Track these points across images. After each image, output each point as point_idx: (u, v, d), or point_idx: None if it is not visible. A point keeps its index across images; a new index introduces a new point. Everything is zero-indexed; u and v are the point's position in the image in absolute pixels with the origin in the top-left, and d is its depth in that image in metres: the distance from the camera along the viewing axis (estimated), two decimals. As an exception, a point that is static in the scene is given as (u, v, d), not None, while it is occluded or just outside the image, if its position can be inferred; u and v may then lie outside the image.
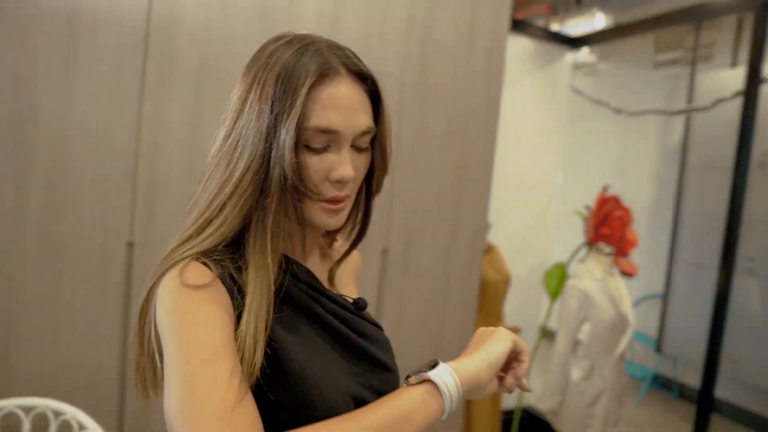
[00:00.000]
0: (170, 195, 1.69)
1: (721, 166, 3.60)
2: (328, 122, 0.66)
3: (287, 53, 0.67)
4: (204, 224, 0.68)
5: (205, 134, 1.71)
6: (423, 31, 2.05)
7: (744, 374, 3.42)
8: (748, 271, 3.36)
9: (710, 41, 3.92)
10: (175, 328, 0.60)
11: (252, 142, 0.66)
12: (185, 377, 0.56)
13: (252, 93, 0.68)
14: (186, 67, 1.67)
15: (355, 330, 0.75)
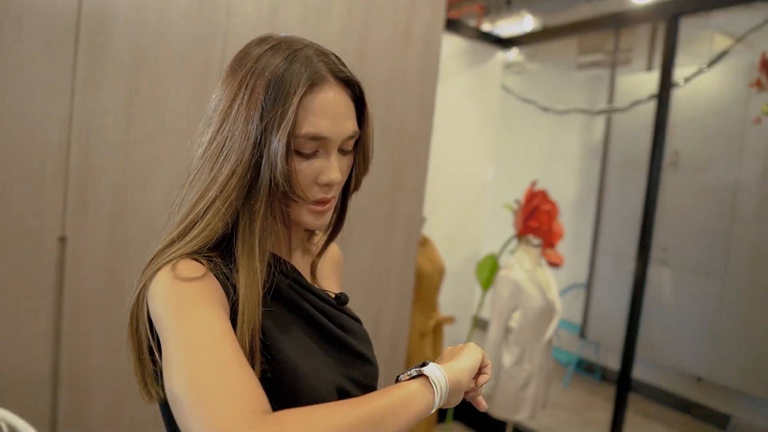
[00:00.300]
0: (104, 188, 1.65)
1: (638, 163, 3.86)
2: (318, 129, 0.68)
3: (276, 59, 0.68)
4: (189, 226, 0.69)
5: (140, 125, 1.68)
6: (361, 29, 2.09)
7: (657, 356, 3.70)
8: (661, 260, 3.63)
9: (628, 46, 4.18)
10: (174, 314, 0.61)
11: (239, 147, 0.67)
12: (191, 359, 0.56)
13: (239, 98, 0.68)
14: (120, 57, 1.63)
15: (337, 324, 0.79)
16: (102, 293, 1.67)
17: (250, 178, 0.68)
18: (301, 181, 0.70)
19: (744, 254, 3.35)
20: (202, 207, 0.68)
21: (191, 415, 0.52)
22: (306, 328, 0.75)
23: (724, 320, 3.42)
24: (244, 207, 0.69)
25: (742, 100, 3.41)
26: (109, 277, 1.68)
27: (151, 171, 1.72)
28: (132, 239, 1.71)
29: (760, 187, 3.33)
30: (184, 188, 0.73)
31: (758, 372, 3.25)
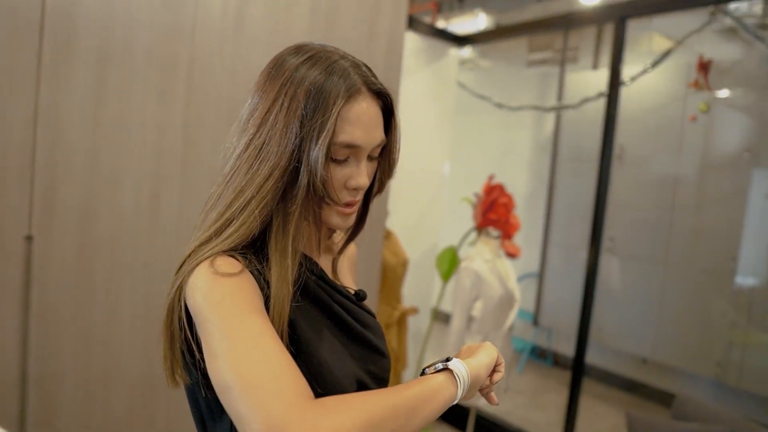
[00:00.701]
0: (72, 186, 1.62)
1: (586, 157, 4.04)
2: (353, 138, 0.73)
3: (315, 71, 0.73)
4: (225, 224, 0.72)
5: (108, 123, 1.66)
6: (326, 26, 2.12)
7: (606, 340, 3.90)
8: (609, 250, 3.82)
9: (575, 45, 4.36)
10: (217, 308, 0.64)
11: (276, 152, 0.71)
12: (238, 350, 0.60)
13: (277, 105, 0.72)
14: (86, 53, 1.61)
15: (356, 319, 0.83)
16: (71, 293, 1.65)
17: (285, 182, 0.72)
18: (334, 186, 0.75)
19: (684, 242, 3.58)
20: (238, 206, 0.72)
21: (242, 402, 0.56)
22: (330, 323, 0.79)
23: (667, 304, 3.64)
24: (279, 209, 0.73)
25: (680, 99, 3.63)
26: (77, 277, 1.66)
27: (119, 168, 1.70)
28: (101, 238, 1.69)
29: (697, 180, 3.56)
30: (219, 188, 0.76)
31: (698, 352, 3.48)
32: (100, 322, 1.71)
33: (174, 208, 1.82)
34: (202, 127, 1.85)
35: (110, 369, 1.75)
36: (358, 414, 0.56)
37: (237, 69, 1.91)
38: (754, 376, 3.23)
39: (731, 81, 3.44)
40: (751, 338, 3.28)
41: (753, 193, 3.32)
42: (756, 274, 3.30)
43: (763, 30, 3.24)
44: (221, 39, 1.86)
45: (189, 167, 1.84)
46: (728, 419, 2.02)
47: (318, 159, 0.70)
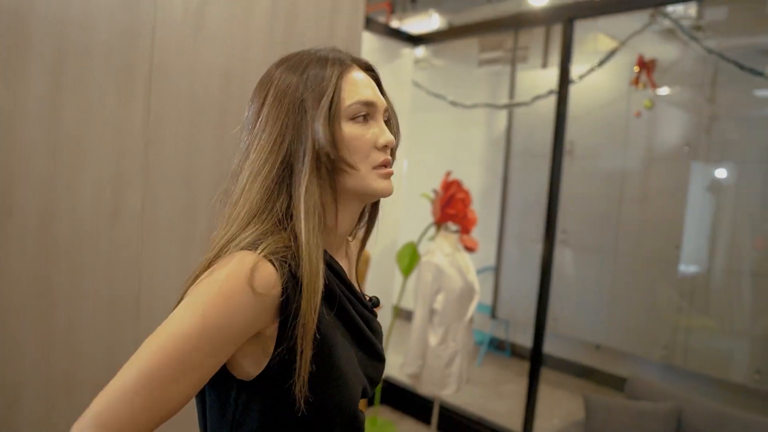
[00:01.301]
0: (29, 187, 1.59)
1: (538, 152, 4.18)
2: (364, 95, 0.75)
3: (305, 61, 0.76)
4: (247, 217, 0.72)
5: (66, 124, 1.63)
6: (285, 25, 2.13)
7: (561, 329, 4.05)
8: (562, 242, 3.97)
9: (525, 45, 4.50)
10: (182, 322, 0.64)
11: (270, 131, 0.73)
12: (132, 370, 0.63)
13: (272, 93, 0.75)
14: (41, 53, 1.57)
15: (369, 327, 0.83)
16: (30, 298, 1.61)
17: (280, 154, 0.72)
18: (360, 149, 0.75)
19: (632, 233, 3.76)
20: (239, 193, 0.74)
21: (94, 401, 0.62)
22: (345, 330, 0.78)
23: (618, 292, 3.81)
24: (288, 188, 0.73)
25: (624, 96, 3.80)
26: (37, 281, 1.62)
27: (78, 169, 1.67)
28: (61, 240, 1.65)
29: (642, 173, 3.74)
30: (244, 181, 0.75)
31: (647, 336, 3.66)
32: (61, 326, 1.68)
33: (136, 208, 1.80)
34: (163, 126, 1.84)
35: (73, 375, 1.72)
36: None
37: (197, 68, 1.90)
38: (697, 357, 3.43)
39: (670, 79, 3.64)
40: (694, 322, 3.48)
41: (693, 185, 3.52)
42: (698, 262, 3.50)
43: (698, 31, 3.43)
44: (181, 38, 1.85)
45: (151, 167, 1.82)
46: (676, 396, 2.15)
47: (325, 125, 0.71)
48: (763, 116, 3.28)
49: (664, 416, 2.05)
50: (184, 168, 1.90)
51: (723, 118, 3.40)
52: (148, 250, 1.84)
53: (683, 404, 2.09)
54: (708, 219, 3.49)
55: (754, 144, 3.26)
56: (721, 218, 3.44)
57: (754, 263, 3.23)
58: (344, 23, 2.35)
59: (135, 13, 1.74)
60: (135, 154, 1.79)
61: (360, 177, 0.75)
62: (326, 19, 2.27)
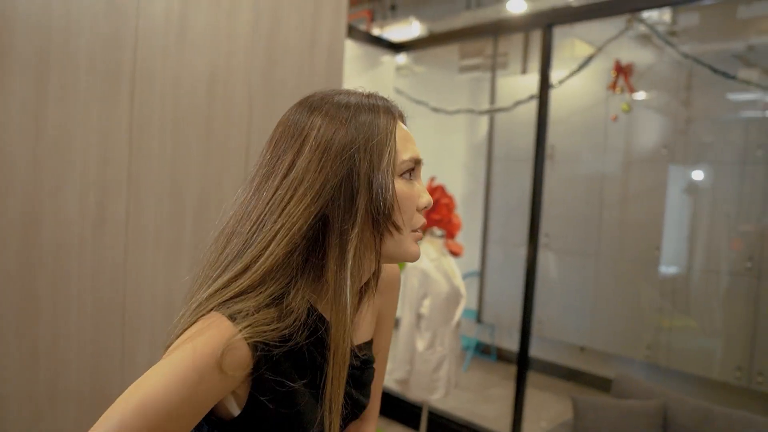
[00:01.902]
0: (12, 195, 1.56)
1: (519, 157, 4.22)
2: (415, 153, 0.71)
3: (351, 103, 0.70)
4: (245, 267, 0.66)
5: (50, 129, 1.61)
6: (268, 33, 2.14)
7: (546, 331, 4.08)
8: (545, 245, 4.01)
9: (505, 51, 4.56)
10: (148, 391, 0.58)
11: (314, 180, 0.66)
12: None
13: (313, 138, 0.67)
14: (23, 60, 1.56)
15: (356, 384, 0.79)
16: (14, 307, 1.59)
17: (322, 208, 0.66)
18: (406, 209, 0.70)
19: (613, 235, 3.81)
20: (266, 236, 0.66)
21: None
22: (321, 390, 0.71)
23: (600, 294, 3.86)
24: (328, 240, 0.67)
25: (602, 101, 3.87)
26: (21, 290, 1.60)
27: (62, 176, 1.65)
28: (45, 248, 1.63)
29: (621, 176, 3.80)
30: (237, 238, 0.68)
31: (630, 337, 3.71)
32: (46, 336, 1.65)
33: (121, 216, 1.78)
34: (147, 133, 1.82)
35: (58, 385, 1.69)
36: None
37: (181, 75, 1.89)
38: (680, 356, 3.48)
39: (647, 84, 3.71)
40: (675, 322, 3.53)
41: (671, 187, 3.59)
42: (678, 262, 3.56)
43: (672, 36, 3.52)
44: (164, 46, 1.85)
45: (135, 174, 1.81)
46: (661, 394, 2.18)
47: (384, 180, 0.67)
48: (736, 119, 3.36)
49: (651, 413, 2.07)
50: (170, 175, 1.89)
51: (699, 120, 3.48)
52: (133, 258, 1.82)
53: (669, 401, 2.12)
54: (686, 220, 3.55)
55: (729, 146, 3.34)
56: (699, 219, 3.51)
57: (731, 263, 3.29)
58: (327, 30, 2.36)
59: (117, 19, 1.73)
60: (120, 161, 1.77)
61: (401, 239, 0.70)
62: (309, 26, 2.28)
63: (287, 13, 2.19)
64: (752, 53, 3.29)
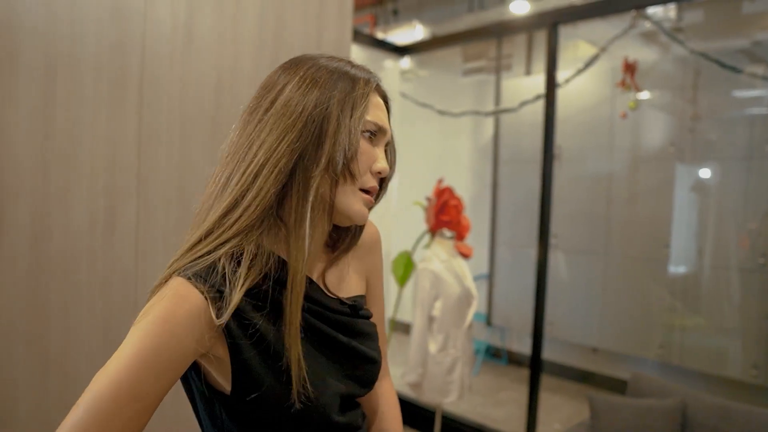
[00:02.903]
0: (21, 203, 1.55)
1: (526, 158, 4.21)
2: (381, 120, 0.77)
3: (335, 62, 0.76)
4: (236, 201, 0.70)
5: (58, 136, 1.60)
6: (274, 37, 2.13)
7: (557, 333, 4.04)
8: (553, 246, 3.99)
9: (509, 53, 4.55)
10: (121, 358, 0.63)
11: (293, 116, 0.70)
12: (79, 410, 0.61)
13: (295, 80, 0.73)
14: (31, 67, 1.55)
15: (348, 332, 0.81)
16: (24, 318, 1.57)
17: (302, 145, 0.70)
18: (361, 163, 0.74)
19: (620, 233, 3.79)
20: (249, 172, 0.70)
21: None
22: (313, 339, 0.77)
23: (611, 294, 3.83)
24: (295, 177, 0.71)
25: (608, 99, 3.85)
26: (31, 300, 1.58)
27: (71, 183, 1.64)
28: (54, 257, 1.62)
29: (629, 174, 3.78)
30: (225, 167, 0.73)
31: (642, 336, 3.67)
32: (56, 344, 1.64)
33: (131, 222, 1.77)
34: (156, 139, 1.82)
35: (68, 393, 1.67)
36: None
37: (188, 80, 1.89)
38: (694, 355, 3.44)
39: (653, 81, 3.70)
40: (687, 320, 3.50)
41: (679, 184, 3.57)
42: (688, 260, 3.53)
43: (678, 33, 3.50)
44: (171, 51, 1.84)
45: (144, 180, 1.80)
46: (678, 392, 2.15)
47: (352, 128, 0.72)
48: (743, 116, 3.34)
49: (669, 412, 2.04)
50: (178, 180, 1.88)
51: (705, 118, 3.45)
52: (143, 264, 1.80)
53: (687, 399, 2.09)
54: (695, 217, 3.53)
55: (736, 143, 3.32)
56: (708, 216, 3.49)
57: (743, 260, 3.26)
58: (332, 34, 2.36)
59: (124, 25, 1.73)
60: (129, 167, 1.76)
61: (349, 192, 0.74)
62: (314, 30, 2.28)
63: (292, 17, 2.19)
64: (758, 48, 3.27)
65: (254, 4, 2.06)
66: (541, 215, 2.87)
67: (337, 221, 0.78)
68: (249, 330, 0.69)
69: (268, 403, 0.69)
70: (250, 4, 2.05)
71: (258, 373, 0.69)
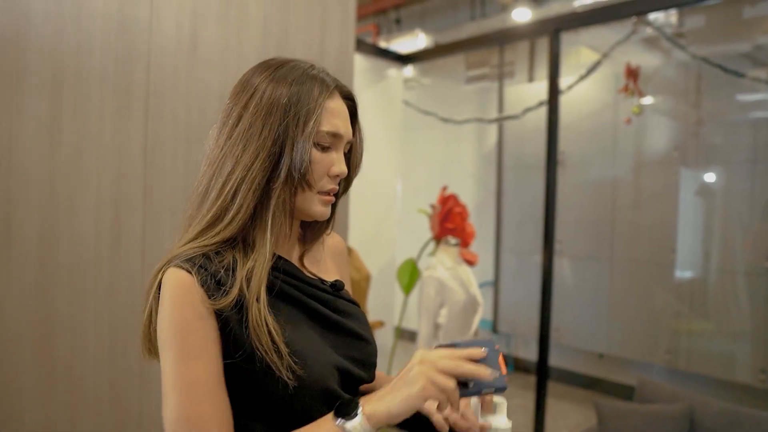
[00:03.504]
0: (28, 215, 1.57)
1: (529, 164, 4.21)
2: (336, 127, 0.81)
3: (294, 72, 0.81)
4: (218, 215, 0.78)
5: (64, 150, 1.62)
6: (277, 48, 2.15)
7: (563, 339, 4.03)
8: (558, 252, 3.98)
9: (511, 60, 4.57)
10: (172, 341, 0.73)
11: (260, 136, 0.77)
12: (179, 404, 0.71)
13: (257, 98, 0.79)
14: (38, 80, 1.57)
15: (333, 309, 0.86)
16: (31, 327, 1.58)
17: (271, 164, 0.78)
18: (316, 172, 0.81)
19: (626, 238, 3.78)
20: (229, 190, 0.77)
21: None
22: (304, 316, 0.82)
23: (616, 299, 3.82)
24: (264, 191, 0.78)
25: (611, 105, 3.86)
26: (38, 310, 1.59)
27: (77, 195, 1.66)
28: (61, 267, 1.63)
29: (633, 179, 3.78)
30: (203, 180, 0.82)
31: (649, 342, 3.66)
32: (63, 353, 1.65)
33: (137, 232, 1.79)
34: (161, 150, 1.83)
35: (75, 402, 1.68)
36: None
37: (193, 91, 1.91)
38: (701, 360, 3.42)
39: (656, 87, 3.70)
40: (694, 325, 3.48)
41: (684, 189, 3.56)
42: (694, 265, 3.52)
43: (679, 38, 3.51)
44: (176, 63, 1.86)
45: (150, 191, 1.81)
46: (686, 398, 2.14)
47: (304, 144, 0.78)
48: (747, 119, 3.34)
49: (677, 418, 2.03)
50: (184, 190, 1.89)
51: (709, 122, 3.45)
52: (149, 274, 1.81)
53: (695, 405, 2.08)
54: (701, 222, 3.52)
55: (740, 146, 3.31)
56: (713, 220, 3.48)
57: (748, 263, 3.25)
58: (335, 44, 2.38)
59: (130, 38, 1.75)
60: (134, 178, 1.78)
61: (308, 198, 0.82)
62: (317, 41, 2.30)
63: (295, 27, 2.21)
64: (760, 52, 3.28)
65: (258, 15, 2.08)
66: (546, 221, 2.87)
67: (302, 218, 0.86)
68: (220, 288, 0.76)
69: (260, 373, 0.74)
70: (253, 15, 2.07)
71: (242, 340, 0.74)
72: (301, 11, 2.24)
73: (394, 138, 3.64)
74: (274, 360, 0.72)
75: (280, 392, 0.73)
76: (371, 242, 3.46)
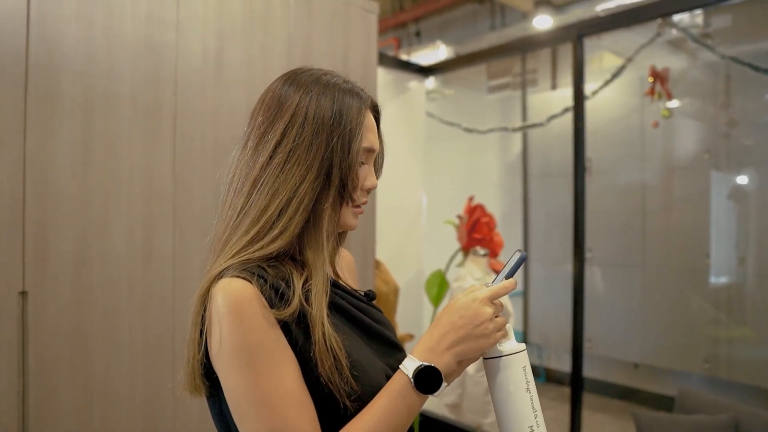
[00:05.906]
0: (63, 237, 1.60)
1: (556, 172, 4.16)
2: (372, 143, 0.84)
3: (332, 88, 0.81)
4: (262, 231, 0.76)
5: (96, 170, 1.65)
6: (302, 61, 2.17)
7: (596, 349, 3.94)
8: (589, 260, 3.91)
9: (533, 68, 4.54)
10: (239, 362, 0.69)
11: (306, 158, 0.77)
12: (261, 419, 0.68)
13: (301, 116, 0.78)
14: (70, 103, 1.61)
15: (372, 318, 0.86)
16: (67, 347, 1.61)
17: (318, 184, 0.77)
18: (357, 186, 0.82)
19: (658, 245, 3.69)
20: (274, 210, 0.76)
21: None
22: (350, 325, 0.82)
23: (650, 306, 3.72)
24: (312, 209, 0.78)
25: (637, 109, 3.80)
26: (74, 329, 1.62)
27: (110, 215, 1.69)
28: (95, 286, 1.66)
29: (663, 184, 3.70)
30: (239, 199, 0.79)
31: (686, 350, 3.55)
32: (98, 375, 1.66)
33: (168, 250, 1.81)
34: (190, 169, 1.86)
35: (111, 421, 1.69)
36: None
37: (219, 111, 1.93)
38: (743, 368, 3.31)
39: (683, 89, 3.63)
40: (734, 332, 3.37)
41: (716, 192, 3.48)
42: (729, 270, 3.42)
43: (707, 38, 3.45)
44: (203, 83, 1.89)
45: (180, 209, 1.83)
46: (730, 408, 2.07)
47: (353, 162, 0.79)
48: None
49: (721, 428, 1.96)
50: (212, 207, 1.91)
51: (741, 123, 3.37)
52: (181, 292, 1.83)
53: (740, 415, 2.01)
54: (735, 225, 3.42)
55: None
56: (748, 223, 3.38)
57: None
58: (358, 58, 2.39)
59: (157, 60, 1.78)
60: (164, 198, 1.80)
61: (348, 212, 0.83)
62: (341, 55, 2.31)
63: (318, 43, 2.23)
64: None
65: (282, 32, 2.11)
66: (575, 229, 2.82)
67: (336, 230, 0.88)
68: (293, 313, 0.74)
69: (319, 383, 0.72)
70: (278, 33, 2.09)
71: (306, 352, 0.73)
72: (324, 28, 2.26)
73: (418, 150, 3.64)
74: (335, 378, 0.72)
75: (341, 408, 0.72)
76: (398, 255, 3.44)
